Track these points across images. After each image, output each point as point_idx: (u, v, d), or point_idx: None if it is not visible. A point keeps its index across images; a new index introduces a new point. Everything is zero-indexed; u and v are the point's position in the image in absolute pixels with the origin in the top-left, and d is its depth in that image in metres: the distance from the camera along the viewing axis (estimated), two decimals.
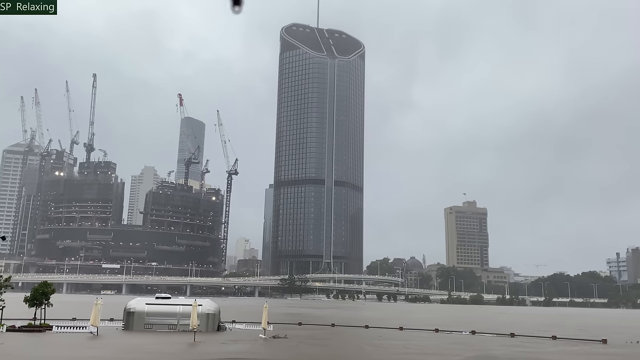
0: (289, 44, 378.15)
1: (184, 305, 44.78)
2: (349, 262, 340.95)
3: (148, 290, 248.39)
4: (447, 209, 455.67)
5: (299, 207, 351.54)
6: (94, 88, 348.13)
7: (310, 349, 34.67)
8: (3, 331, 38.65)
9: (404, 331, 52.83)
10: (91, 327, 39.47)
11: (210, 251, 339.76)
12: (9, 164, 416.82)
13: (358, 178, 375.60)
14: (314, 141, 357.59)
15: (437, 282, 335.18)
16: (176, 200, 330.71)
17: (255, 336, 41.13)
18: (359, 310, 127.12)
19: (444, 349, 36.54)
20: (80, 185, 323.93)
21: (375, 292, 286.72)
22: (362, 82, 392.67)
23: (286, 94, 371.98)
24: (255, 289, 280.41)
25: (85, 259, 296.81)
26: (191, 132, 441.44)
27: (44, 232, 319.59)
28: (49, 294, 43.21)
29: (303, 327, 55.01)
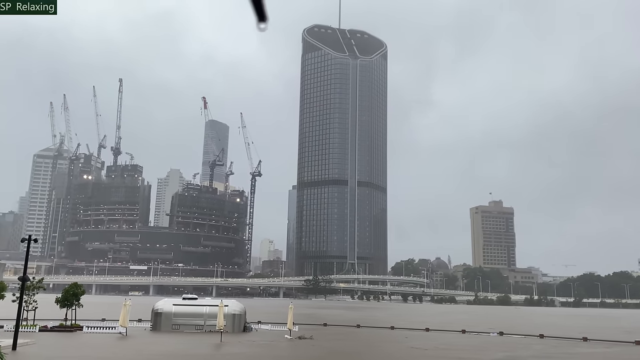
0: (310, 45, 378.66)
1: (210, 306, 45.25)
2: (373, 263, 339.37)
3: (175, 291, 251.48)
4: (473, 208, 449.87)
5: (323, 208, 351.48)
6: (120, 93, 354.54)
7: (337, 350, 34.62)
8: (36, 331, 39.62)
9: (430, 332, 52.39)
10: (120, 327, 40.18)
11: (235, 252, 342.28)
12: (39, 168, 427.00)
13: (381, 178, 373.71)
14: (337, 142, 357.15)
15: (463, 283, 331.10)
16: (201, 202, 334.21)
17: (281, 337, 41.27)
18: (384, 311, 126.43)
19: (471, 351, 36.06)
20: (108, 188, 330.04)
21: (401, 293, 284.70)
22: (384, 82, 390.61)
23: (308, 95, 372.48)
24: (280, 290, 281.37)
25: (114, 261, 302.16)
26: (215, 134, 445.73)
27: (73, 234, 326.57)
28: (79, 295, 44.18)
29: (328, 327, 55.00)
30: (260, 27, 3.87)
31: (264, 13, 3.95)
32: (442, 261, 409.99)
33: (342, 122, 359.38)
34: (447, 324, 67.76)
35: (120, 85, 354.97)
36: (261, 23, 3.86)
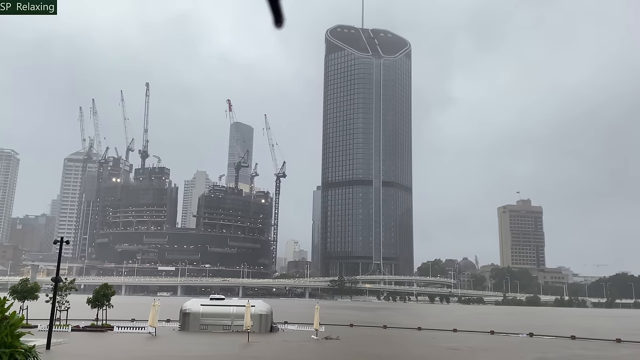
0: (334, 45, 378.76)
1: (237, 307, 45.59)
2: (399, 263, 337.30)
3: (202, 291, 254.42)
4: (501, 208, 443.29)
5: (347, 208, 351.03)
6: (147, 97, 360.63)
7: (364, 351, 34.49)
8: (69, 331, 40.49)
9: (458, 333, 51.76)
10: (149, 327, 40.78)
11: (261, 253, 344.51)
12: (69, 172, 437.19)
13: (406, 178, 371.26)
14: (361, 142, 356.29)
15: (491, 283, 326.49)
16: (227, 204, 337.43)
17: (308, 337, 41.31)
18: (410, 311, 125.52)
19: (501, 352, 35.49)
20: (136, 190, 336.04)
21: (427, 294, 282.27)
22: (408, 81, 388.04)
23: (332, 95, 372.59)
24: (306, 290, 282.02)
25: (142, 262, 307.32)
26: (240, 136, 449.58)
27: (103, 236, 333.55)
28: (109, 296, 45.03)
29: (354, 328, 54.84)
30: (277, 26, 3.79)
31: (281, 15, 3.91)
32: (469, 261, 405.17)
33: (366, 122, 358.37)
34: (475, 324, 66.84)
35: (147, 89, 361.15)
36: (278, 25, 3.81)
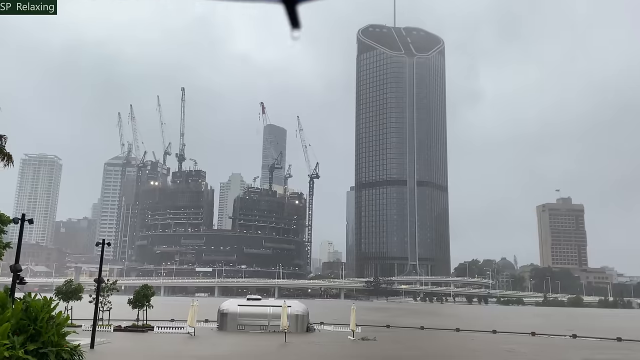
0: (365, 45, 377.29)
1: (273, 307, 45.91)
2: (436, 264, 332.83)
3: (239, 292, 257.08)
4: (540, 206, 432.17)
5: (381, 208, 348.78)
6: (183, 101, 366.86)
7: (403, 352, 34.13)
8: (111, 331, 41.58)
9: (498, 334, 50.70)
10: (188, 327, 41.46)
11: (296, 254, 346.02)
12: (109, 176, 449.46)
13: (442, 177, 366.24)
14: (394, 141, 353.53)
15: (531, 284, 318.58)
16: (262, 205, 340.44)
17: (344, 338, 41.19)
18: (448, 312, 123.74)
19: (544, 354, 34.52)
20: (174, 193, 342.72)
21: (465, 295, 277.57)
22: (442, 79, 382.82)
23: (364, 95, 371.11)
24: (341, 291, 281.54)
25: (180, 263, 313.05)
26: (274, 138, 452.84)
27: (142, 238, 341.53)
28: (149, 296, 46.05)
29: (391, 329, 54.40)
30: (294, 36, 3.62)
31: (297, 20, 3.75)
32: (507, 261, 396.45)
33: (400, 121, 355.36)
34: (515, 326, 65.30)
35: (183, 94, 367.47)
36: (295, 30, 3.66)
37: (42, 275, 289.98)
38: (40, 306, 23.54)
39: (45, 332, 22.60)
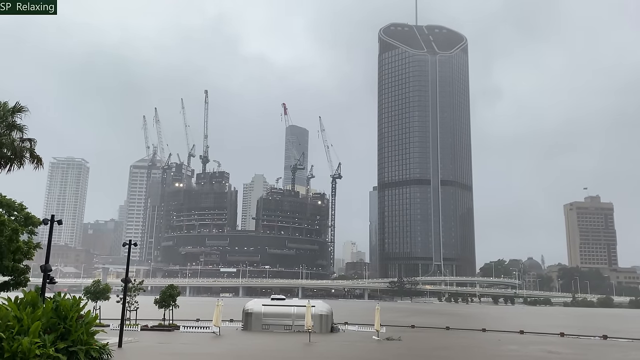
0: (387, 44, 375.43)
1: (298, 307, 45.98)
2: (461, 264, 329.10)
3: (262, 292, 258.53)
4: (567, 205, 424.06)
5: (405, 208, 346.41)
6: (206, 103, 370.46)
7: (430, 352, 33.78)
8: (138, 330, 42.17)
9: (525, 335, 49.85)
10: (214, 327, 41.81)
11: (319, 254, 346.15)
12: (135, 178, 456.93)
13: (466, 176, 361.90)
14: (417, 140, 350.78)
15: (559, 284, 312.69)
16: (285, 206, 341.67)
17: (369, 338, 41.01)
18: (474, 313, 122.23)
19: (572, 356, 33.75)
20: (198, 194, 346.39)
21: (491, 295, 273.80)
22: (465, 76, 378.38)
23: (386, 94, 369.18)
24: (365, 292, 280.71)
25: (205, 264, 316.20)
26: (295, 139, 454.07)
27: (167, 239, 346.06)
28: (175, 296, 46.60)
29: (416, 329, 53.97)
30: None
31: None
32: (534, 261, 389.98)
33: (423, 120, 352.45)
34: (543, 326, 64.13)
35: (206, 96, 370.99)
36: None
37: (71, 276, 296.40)
38: (70, 305, 24.00)
39: (74, 330, 23.04)
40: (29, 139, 29.32)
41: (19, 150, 28.58)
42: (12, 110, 28.78)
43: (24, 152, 28.91)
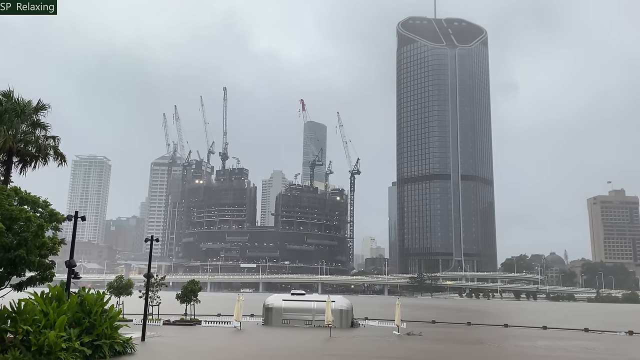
0: (406, 38, 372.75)
1: (318, 302, 46.06)
2: (482, 259, 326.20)
3: (282, 287, 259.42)
4: (591, 199, 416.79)
5: (425, 204, 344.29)
6: (225, 100, 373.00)
7: (451, 347, 33.54)
8: (160, 325, 42.70)
9: (548, 330, 49.18)
10: (235, 322, 42.12)
11: (338, 250, 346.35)
12: (156, 175, 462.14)
13: (487, 171, 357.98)
14: (437, 135, 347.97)
15: (582, 279, 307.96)
16: (303, 202, 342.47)
17: (389, 333, 40.88)
18: (495, 309, 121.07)
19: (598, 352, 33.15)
20: (218, 191, 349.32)
21: (512, 291, 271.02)
22: (485, 70, 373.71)
23: (405, 88, 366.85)
24: (385, 287, 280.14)
25: (225, 260, 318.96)
26: (314, 135, 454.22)
27: (188, 235, 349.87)
28: (196, 291, 47.05)
29: (437, 325, 53.66)
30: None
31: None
32: (557, 256, 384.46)
33: (442, 114, 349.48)
34: (566, 321, 63.19)
35: (225, 93, 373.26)
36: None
37: (94, 272, 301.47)
38: (94, 300, 24.40)
39: (99, 325, 23.41)
40: (53, 136, 29.89)
41: (43, 147, 29.13)
42: (36, 108, 29.33)
43: (48, 149, 29.46)
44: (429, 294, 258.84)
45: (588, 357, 30.07)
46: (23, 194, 21.54)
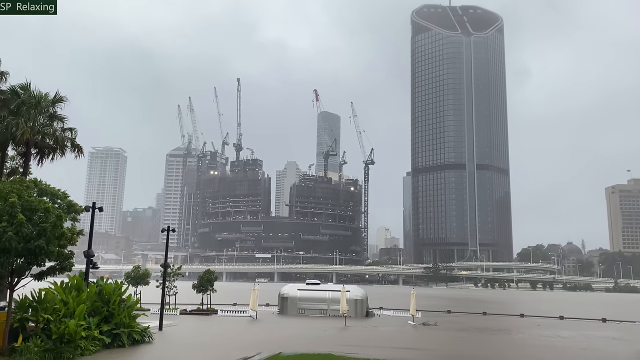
0: (420, 26, 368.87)
1: (333, 291, 46.23)
2: (497, 249, 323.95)
3: (297, 277, 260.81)
4: (609, 188, 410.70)
5: (439, 193, 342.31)
6: (239, 91, 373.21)
7: (465, 336, 33.45)
8: (177, 314, 43.25)
9: (565, 320, 48.85)
10: (250, 311, 42.49)
11: (352, 240, 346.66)
12: (172, 167, 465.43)
13: (503, 160, 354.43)
14: (452, 124, 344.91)
15: (600, 269, 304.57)
16: (318, 192, 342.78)
17: (404, 323, 40.93)
18: (510, 298, 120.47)
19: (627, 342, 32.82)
20: (233, 182, 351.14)
21: (529, 281, 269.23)
22: (501, 57, 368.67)
23: (420, 77, 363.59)
24: (399, 277, 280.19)
25: (241, 250, 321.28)
26: (327, 125, 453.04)
27: (204, 226, 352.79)
28: (212, 281, 47.51)
29: (453, 314, 53.57)
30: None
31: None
32: (574, 246, 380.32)
33: (457, 103, 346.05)
34: (583, 312, 62.63)
35: (239, 84, 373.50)
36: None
37: (112, 262, 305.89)
38: (112, 290, 24.75)
39: (117, 314, 23.76)
40: (70, 128, 30.22)
41: (60, 139, 29.49)
42: (53, 100, 29.67)
43: (65, 141, 29.82)
44: (444, 284, 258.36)
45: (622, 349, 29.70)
46: (42, 185, 21.87)
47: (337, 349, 23.35)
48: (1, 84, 29.05)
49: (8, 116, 27.40)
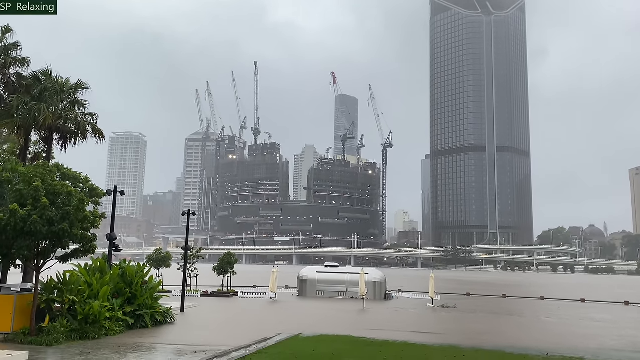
0: (439, 6, 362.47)
1: (351, 274, 46.46)
2: (517, 232, 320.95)
3: (316, 260, 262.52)
4: (633, 169, 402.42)
5: (459, 176, 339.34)
6: (256, 75, 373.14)
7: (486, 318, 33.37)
8: (198, 296, 43.92)
9: (587, 303, 48.40)
10: (270, 293, 42.97)
11: (371, 223, 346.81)
12: (191, 151, 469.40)
13: (524, 142, 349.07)
14: (472, 106, 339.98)
15: (623, 252, 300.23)
16: (335, 176, 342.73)
17: (423, 305, 40.98)
18: (531, 281, 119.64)
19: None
20: (251, 166, 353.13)
21: (549, 263, 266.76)
22: (522, 37, 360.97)
23: (439, 58, 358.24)
24: (418, 260, 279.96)
25: (260, 233, 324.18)
26: (345, 108, 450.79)
27: (223, 209, 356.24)
28: (232, 264, 48.10)
29: (472, 297, 53.44)
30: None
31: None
32: (596, 229, 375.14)
33: (477, 84, 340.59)
34: (605, 295, 61.93)
35: (256, 68, 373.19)
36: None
37: (134, 245, 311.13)
38: (135, 272, 25.16)
39: (140, 295, 24.18)
40: (91, 113, 30.54)
41: (82, 124, 29.85)
42: (75, 86, 29.98)
43: (87, 126, 30.18)
44: (463, 266, 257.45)
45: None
46: (65, 169, 22.20)
47: (357, 331, 23.51)
48: (23, 70, 29.40)
49: (31, 102, 27.77)
